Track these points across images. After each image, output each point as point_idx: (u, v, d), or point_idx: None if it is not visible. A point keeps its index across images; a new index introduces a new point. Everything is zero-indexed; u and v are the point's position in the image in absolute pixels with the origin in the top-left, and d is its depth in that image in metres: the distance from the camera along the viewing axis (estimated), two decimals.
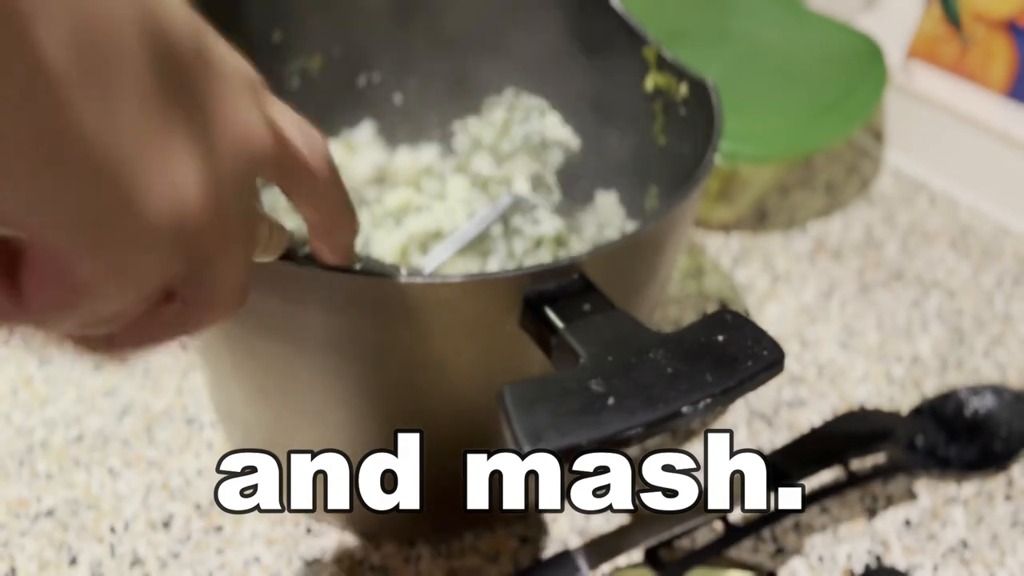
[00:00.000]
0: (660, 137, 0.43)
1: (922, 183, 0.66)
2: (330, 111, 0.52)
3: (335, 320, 0.29)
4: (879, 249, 0.60)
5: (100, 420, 0.46)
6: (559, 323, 0.27)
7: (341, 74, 0.51)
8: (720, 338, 0.26)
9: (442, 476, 0.36)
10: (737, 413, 0.49)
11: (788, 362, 0.52)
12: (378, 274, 0.27)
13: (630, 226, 0.49)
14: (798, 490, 0.42)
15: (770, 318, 0.55)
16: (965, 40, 0.64)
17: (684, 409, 0.24)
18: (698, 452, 0.47)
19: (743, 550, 0.43)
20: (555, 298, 0.28)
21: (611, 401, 0.24)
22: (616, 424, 0.23)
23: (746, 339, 0.26)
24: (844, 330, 0.54)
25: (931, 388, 0.51)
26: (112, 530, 0.42)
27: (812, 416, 0.49)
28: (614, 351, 0.25)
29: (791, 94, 0.58)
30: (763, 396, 0.50)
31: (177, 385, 0.48)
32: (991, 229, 0.63)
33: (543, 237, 0.45)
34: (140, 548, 0.41)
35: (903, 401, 0.50)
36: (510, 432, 0.23)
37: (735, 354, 0.25)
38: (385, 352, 0.30)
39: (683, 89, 0.40)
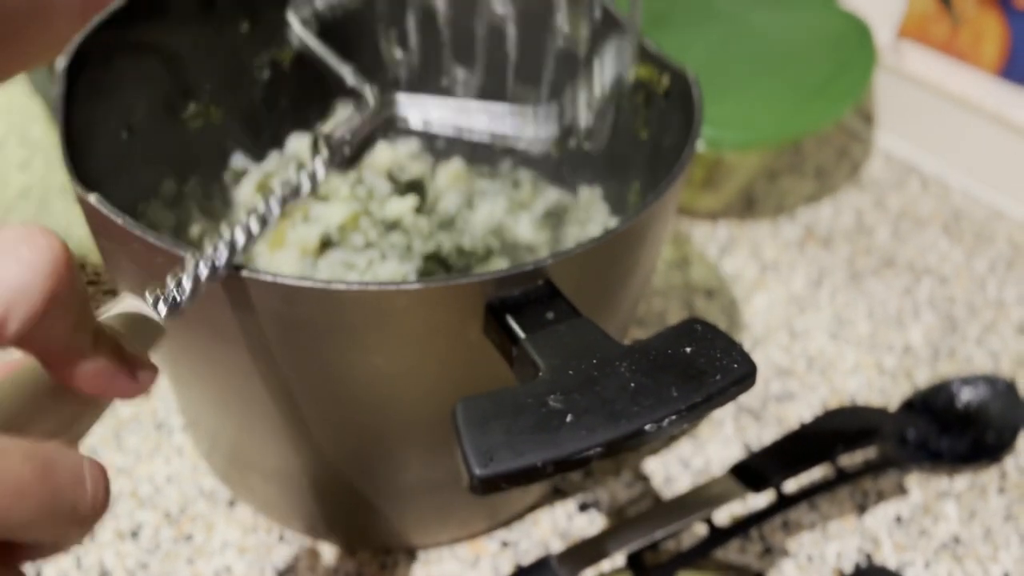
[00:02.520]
0: (642, 131, 0.42)
1: (913, 166, 0.65)
2: (304, 102, 0.50)
3: (287, 329, 0.28)
4: (870, 235, 0.59)
5: None
6: (520, 333, 0.26)
7: (313, 66, 0.50)
8: (688, 349, 0.24)
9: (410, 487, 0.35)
10: (724, 408, 0.47)
11: (776, 354, 0.51)
12: (329, 281, 0.26)
13: (612, 223, 0.47)
14: (782, 489, 0.41)
15: (758, 308, 0.53)
16: (956, 19, 0.62)
17: (647, 427, 0.23)
18: (686, 451, 0.46)
19: (730, 551, 0.42)
20: (518, 305, 0.26)
21: (569, 418, 0.22)
22: (574, 443, 0.22)
23: (716, 351, 0.24)
24: (834, 320, 0.53)
25: (923, 378, 0.50)
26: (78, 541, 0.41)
27: (802, 410, 0.48)
28: (575, 363, 0.24)
29: (777, 77, 0.57)
30: (751, 391, 0.48)
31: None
32: (984, 213, 0.61)
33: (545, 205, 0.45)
34: (107, 559, 0.40)
35: (894, 392, 0.49)
36: (461, 452, 0.22)
37: (703, 367, 0.24)
38: (343, 363, 0.29)
39: (665, 80, 0.39)
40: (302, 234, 0.42)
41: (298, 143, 0.49)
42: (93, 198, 0.28)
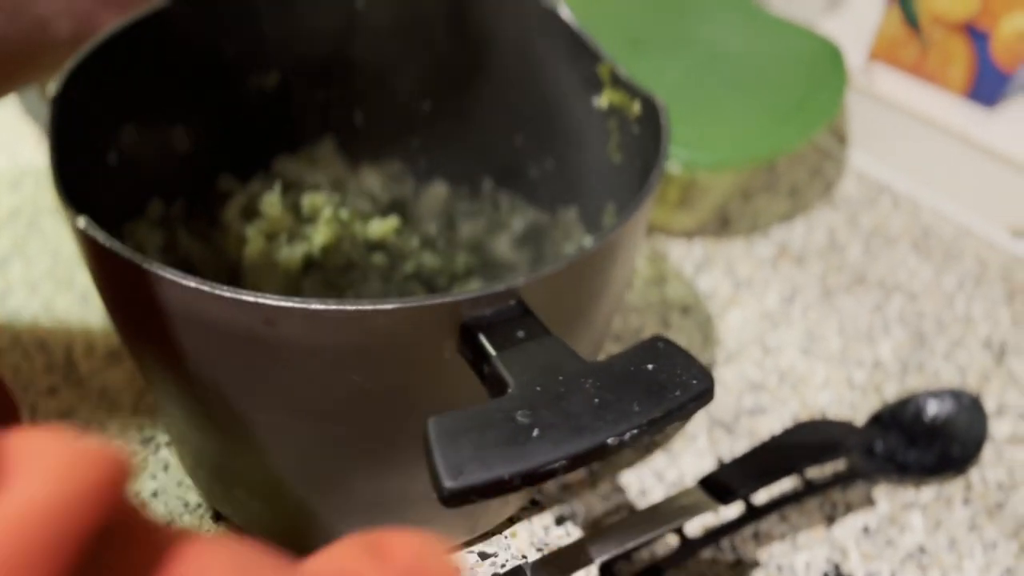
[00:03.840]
0: (615, 154, 0.43)
1: (885, 185, 0.67)
2: (290, 127, 0.52)
3: (268, 348, 0.29)
4: (842, 253, 0.61)
5: None
6: (491, 350, 0.27)
7: (300, 90, 0.51)
8: (651, 366, 0.26)
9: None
10: (698, 422, 0.49)
11: (749, 369, 0.52)
12: (309, 300, 0.27)
13: (588, 242, 0.49)
14: (751, 501, 0.42)
15: (732, 325, 0.55)
16: (924, 42, 0.64)
17: (610, 441, 0.24)
18: (660, 464, 0.47)
19: (702, 562, 0.43)
20: (491, 324, 0.28)
21: (536, 432, 0.23)
22: (540, 457, 0.23)
23: (676, 367, 0.26)
24: (806, 336, 0.55)
25: (892, 392, 0.51)
26: None
27: (773, 424, 0.49)
28: (543, 380, 0.25)
29: (751, 99, 0.58)
30: (723, 404, 0.50)
31: (133, 404, 0.48)
32: (952, 230, 0.63)
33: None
34: None
35: (864, 406, 0.50)
36: (431, 467, 0.23)
37: (664, 383, 0.25)
38: (323, 381, 0.30)
39: (636, 107, 0.40)
40: (285, 254, 0.44)
41: (283, 166, 0.50)
42: (82, 221, 0.29)
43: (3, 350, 0.50)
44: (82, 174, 0.36)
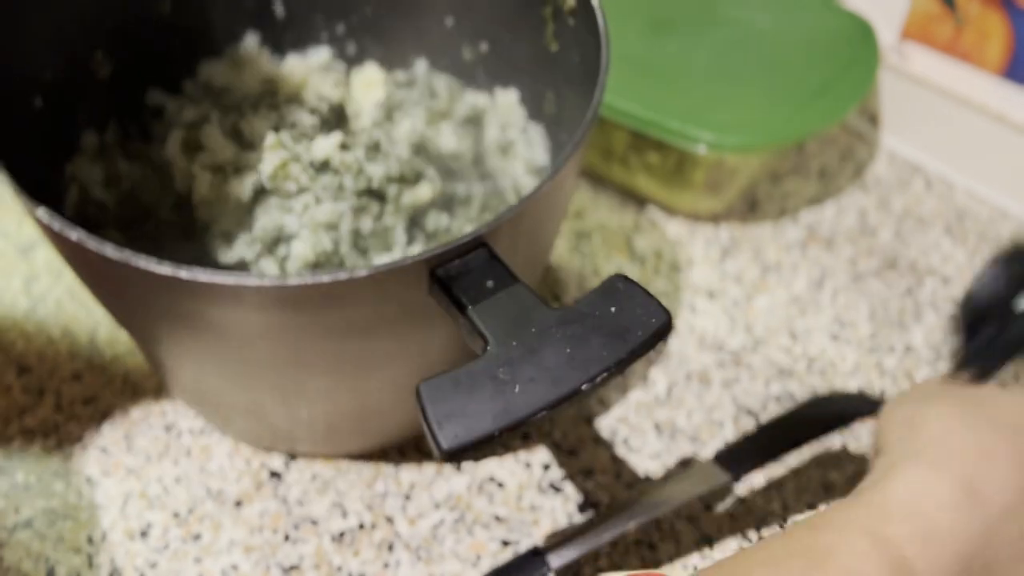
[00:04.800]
0: (552, 43, 0.45)
1: (918, 166, 0.65)
2: (209, 29, 0.51)
3: (253, 323, 0.31)
4: (872, 236, 0.59)
5: (79, 428, 0.46)
6: (466, 303, 0.29)
7: None
8: (612, 309, 0.28)
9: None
10: (724, 410, 0.48)
11: (777, 355, 0.51)
12: (278, 278, 0.28)
13: (532, 128, 0.50)
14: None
15: (759, 310, 0.54)
16: (959, 19, 0.62)
17: (584, 387, 0.27)
18: (684, 450, 0.46)
19: (728, 550, 0.42)
20: (461, 274, 0.30)
21: (517, 388, 0.26)
22: (523, 410, 0.26)
23: (636, 307, 0.28)
24: (835, 321, 0.53)
25: (924, 379, 0.50)
26: (90, 540, 0.42)
27: None
28: (517, 333, 0.28)
29: (779, 79, 0.57)
30: (750, 391, 0.49)
31: (156, 390, 0.48)
32: (988, 212, 0.61)
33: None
34: (118, 558, 0.41)
35: (894, 393, 0.49)
36: (428, 431, 0.25)
37: (627, 324, 0.28)
38: (309, 352, 0.33)
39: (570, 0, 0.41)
40: (235, 187, 0.43)
41: (208, 71, 0.51)
42: (41, 213, 0.29)
43: (28, 336, 0.50)
44: (13, 127, 0.37)
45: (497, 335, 0.28)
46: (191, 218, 0.44)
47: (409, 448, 0.46)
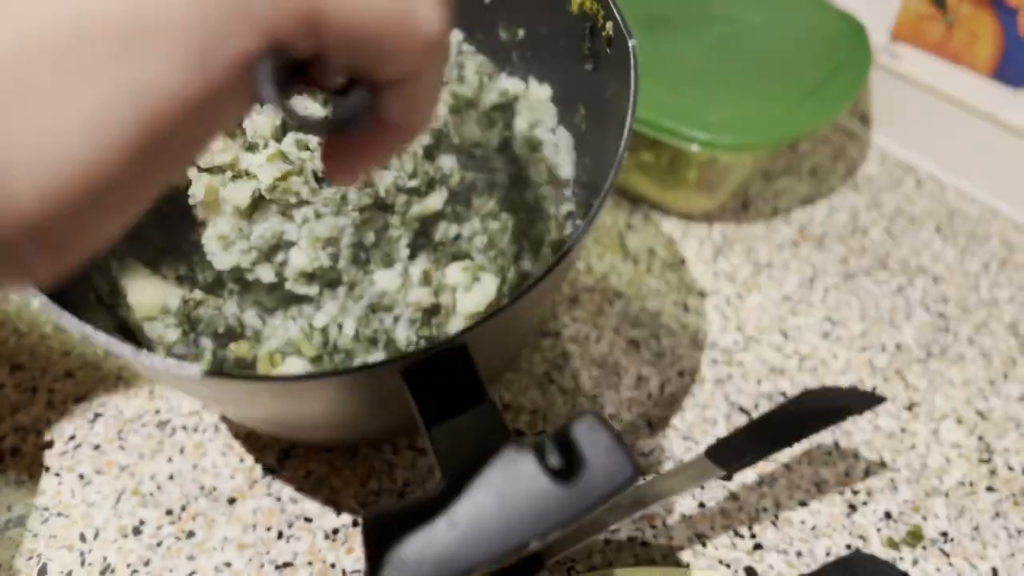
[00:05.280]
0: (587, 62, 0.44)
1: (909, 166, 0.65)
2: None
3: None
4: (864, 235, 0.60)
5: (71, 426, 0.46)
6: (429, 423, 0.28)
7: None
8: (580, 452, 0.27)
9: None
10: (717, 408, 0.48)
11: (769, 353, 0.51)
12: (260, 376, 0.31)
13: (562, 133, 0.49)
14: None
15: (751, 308, 0.54)
16: (950, 20, 0.62)
17: (533, 543, 0.25)
18: (678, 450, 0.46)
19: (720, 547, 0.42)
20: (433, 378, 0.29)
21: (464, 534, 0.25)
22: (468, 562, 0.25)
23: (603, 456, 0.26)
24: (826, 320, 0.54)
25: (915, 377, 0.51)
26: (82, 538, 0.42)
27: None
28: (474, 471, 0.26)
29: (772, 78, 0.57)
30: (743, 389, 0.49)
31: (149, 389, 0.48)
32: (978, 212, 0.62)
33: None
34: (110, 556, 0.41)
35: (886, 391, 0.50)
36: (368, 569, 0.25)
37: (589, 476, 0.26)
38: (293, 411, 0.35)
39: (609, 27, 0.40)
40: (233, 193, 0.41)
41: None
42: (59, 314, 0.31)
43: (21, 333, 0.50)
44: None
45: (452, 469, 0.27)
46: (187, 220, 0.44)
47: (403, 445, 0.46)
